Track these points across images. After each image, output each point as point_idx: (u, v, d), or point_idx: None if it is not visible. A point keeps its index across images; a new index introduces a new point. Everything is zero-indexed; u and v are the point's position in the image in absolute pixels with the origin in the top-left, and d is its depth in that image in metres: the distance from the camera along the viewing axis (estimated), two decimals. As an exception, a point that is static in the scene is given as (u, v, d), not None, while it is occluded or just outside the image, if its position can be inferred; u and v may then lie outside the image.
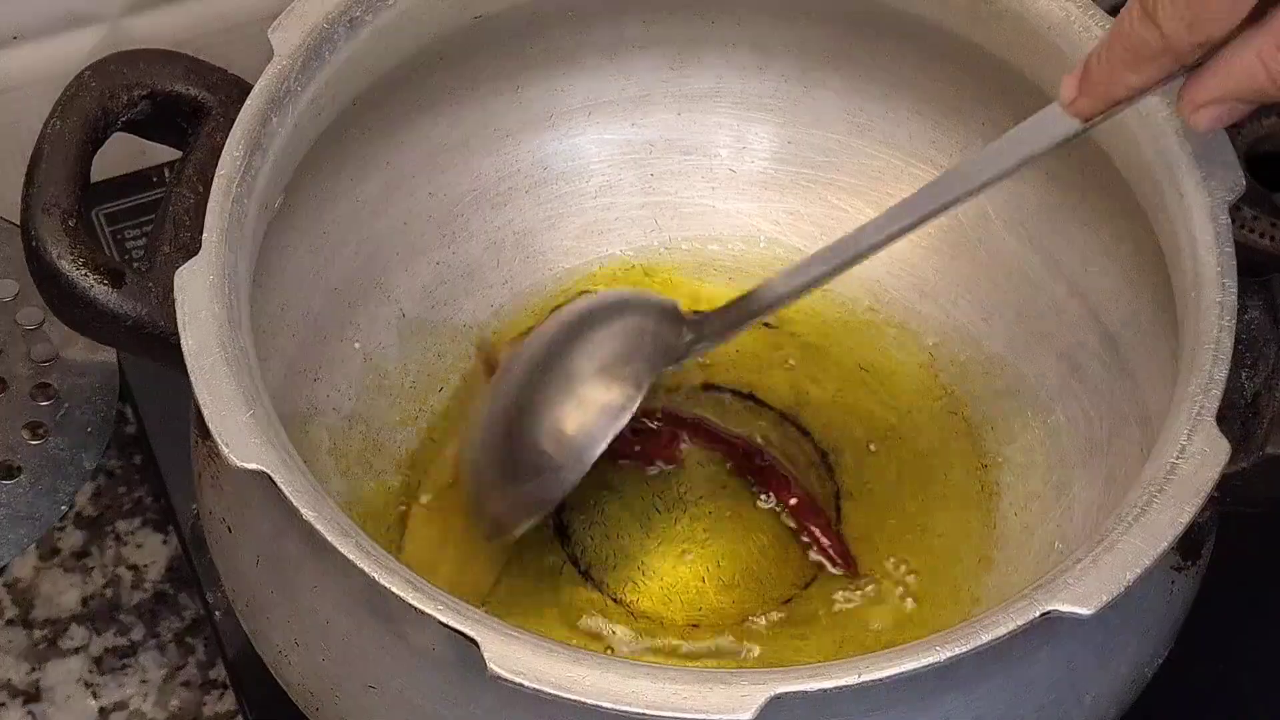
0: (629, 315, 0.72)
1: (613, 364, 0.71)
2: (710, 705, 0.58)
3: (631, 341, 0.71)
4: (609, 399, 0.70)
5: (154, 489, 0.83)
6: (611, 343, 0.71)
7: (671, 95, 0.81)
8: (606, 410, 0.70)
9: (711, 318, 0.72)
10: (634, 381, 0.70)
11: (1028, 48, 0.73)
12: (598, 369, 0.71)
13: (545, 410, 0.70)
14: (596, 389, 0.70)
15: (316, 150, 0.72)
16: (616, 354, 0.71)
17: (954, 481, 0.77)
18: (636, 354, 0.71)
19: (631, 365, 0.71)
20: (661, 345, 0.71)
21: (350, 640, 0.64)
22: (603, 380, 0.70)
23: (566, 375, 0.71)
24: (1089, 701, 0.66)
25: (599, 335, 0.71)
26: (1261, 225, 0.83)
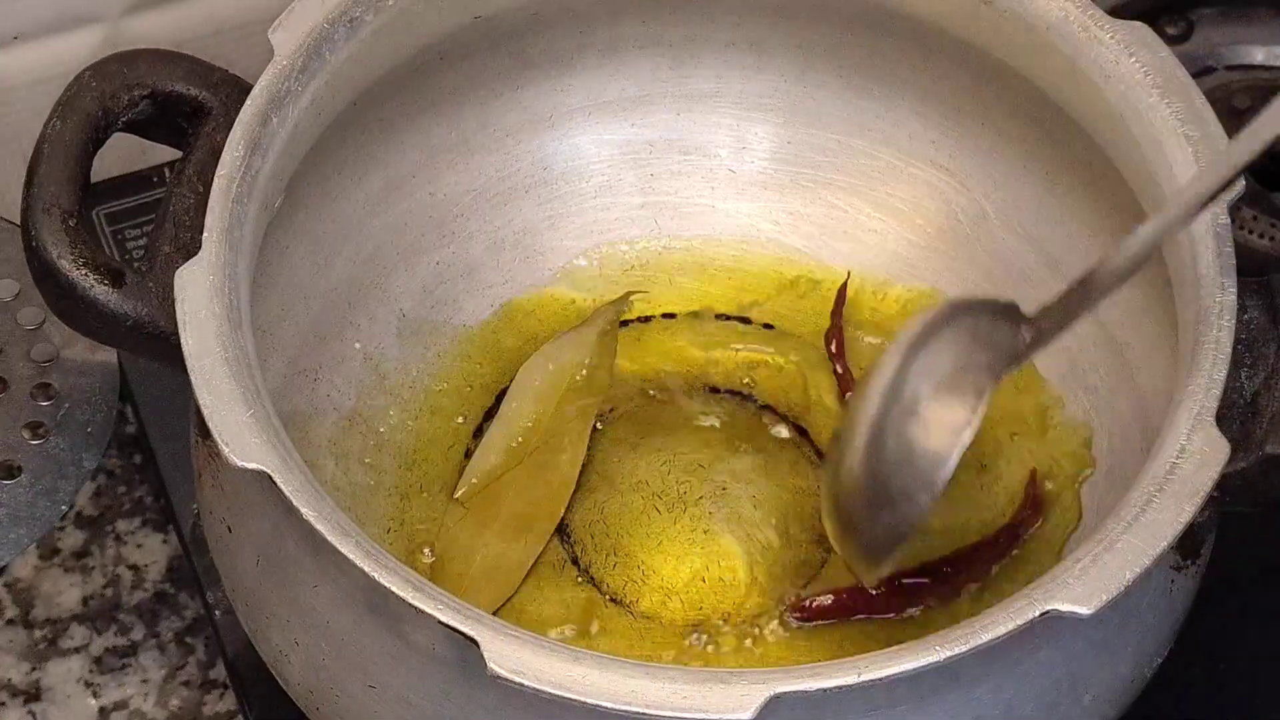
0: (962, 321, 0.69)
1: (951, 377, 0.68)
2: (710, 705, 0.58)
3: (967, 349, 0.68)
4: (952, 415, 0.67)
5: (154, 489, 0.83)
6: (948, 354, 0.68)
7: (671, 95, 0.82)
8: (951, 428, 0.67)
9: (1050, 311, 0.68)
10: (975, 391, 0.67)
11: (1028, 48, 0.73)
12: (937, 386, 0.68)
13: (893, 438, 0.68)
14: (939, 406, 0.68)
15: (317, 150, 0.72)
16: (954, 366, 0.68)
17: (954, 481, 0.77)
18: (974, 362, 0.68)
19: (970, 375, 0.68)
20: (1000, 348, 0.68)
21: (350, 640, 0.64)
22: (944, 396, 0.68)
23: (910, 398, 0.68)
24: (1089, 701, 0.66)
25: (934, 349, 0.68)
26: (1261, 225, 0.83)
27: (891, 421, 0.68)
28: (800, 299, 0.81)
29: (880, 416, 0.68)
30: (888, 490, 0.68)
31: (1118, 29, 0.71)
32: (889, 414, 0.68)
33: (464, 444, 0.77)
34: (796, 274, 0.81)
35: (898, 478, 0.67)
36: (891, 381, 0.68)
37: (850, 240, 0.81)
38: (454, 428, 0.78)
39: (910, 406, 0.68)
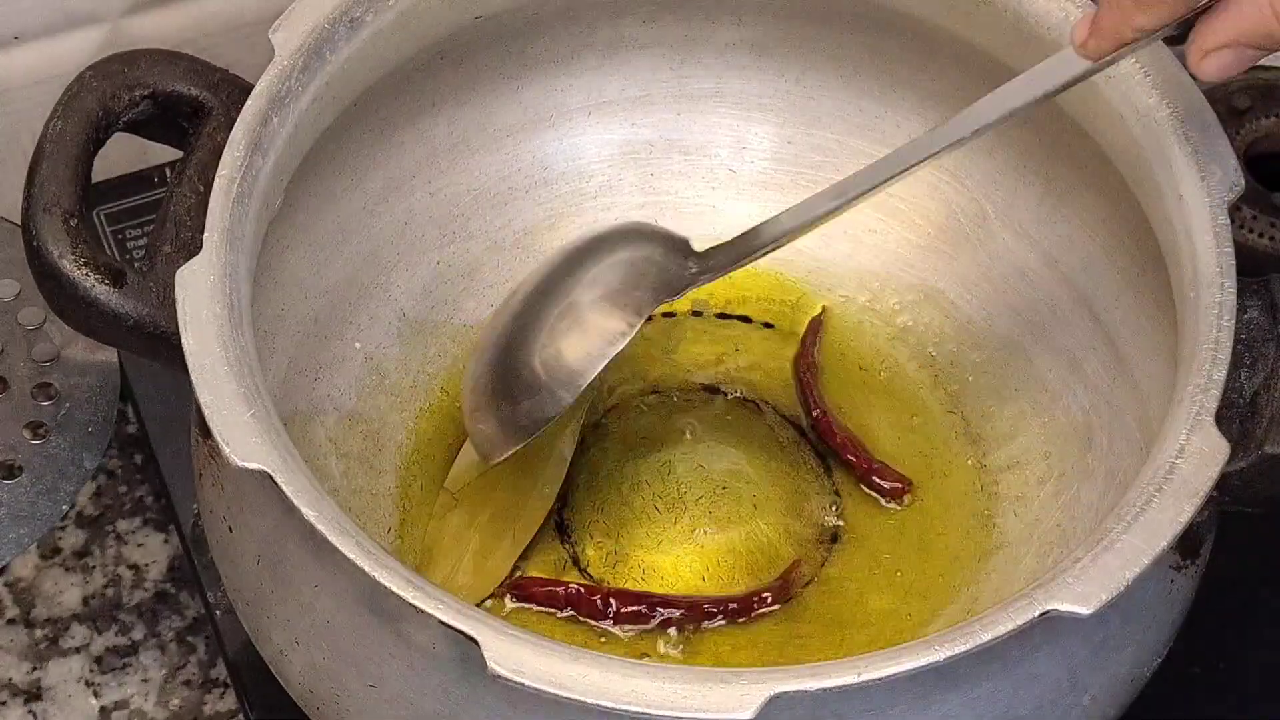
0: (635, 245, 0.72)
1: (616, 291, 0.71)
2: (710, 704, 0.58)
3: (636, 270, 0.71)
4: (608, 324, 0.70)
5: (155, 488, 0.83)
6: (616, 271, 0.71)
7: (671, 95, 0.82)
8: (605, 335, 0.70)
9: (719, 251, 0.72)
10: (634, 309, 0.70)
11: (1027, 48, 0.73)
12: (600, 295, 0.71)
13: (544, 332, 0.70)
14: (597, 314, 0.70)
15: (317, 150, 0.72)
16: (621, 281, 0.71)
17: (954, 481, 0.77)
18: (641, 282, 0.71)
19: (635, 293, 0.71)
20: (667, 276, 0.71)
21: (350, 639, 0.64)
22: (604, 306, 0.70)
23: (569, 300, 0.71)
24: (1088, 700, 0.66)
25: (604, 263, 0.71)
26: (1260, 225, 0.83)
27: (549, 317, 0.70)
28: (800, 298, 0.81)
29: (538, 308, 0.70)
30: (532, 380, 0.70)
31: (1113, 26, 0.71)
32: (548, 308, 0.70)
33: (464, 443, 0.77)
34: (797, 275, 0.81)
35: (544, 370, 0.70)
36: (552, 281, 0.71)
37: (850, 240, 0.81)
38: (454, 427, 0.78)
39: (571, 308, 0.70)
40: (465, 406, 0.74)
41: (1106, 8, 0.63)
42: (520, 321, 0.71)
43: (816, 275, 0.81)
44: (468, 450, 0.76)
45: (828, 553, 0.76)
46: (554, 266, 0.72)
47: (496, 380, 0.72)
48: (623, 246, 0.72)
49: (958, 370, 0.79)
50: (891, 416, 0.79)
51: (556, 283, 0.71)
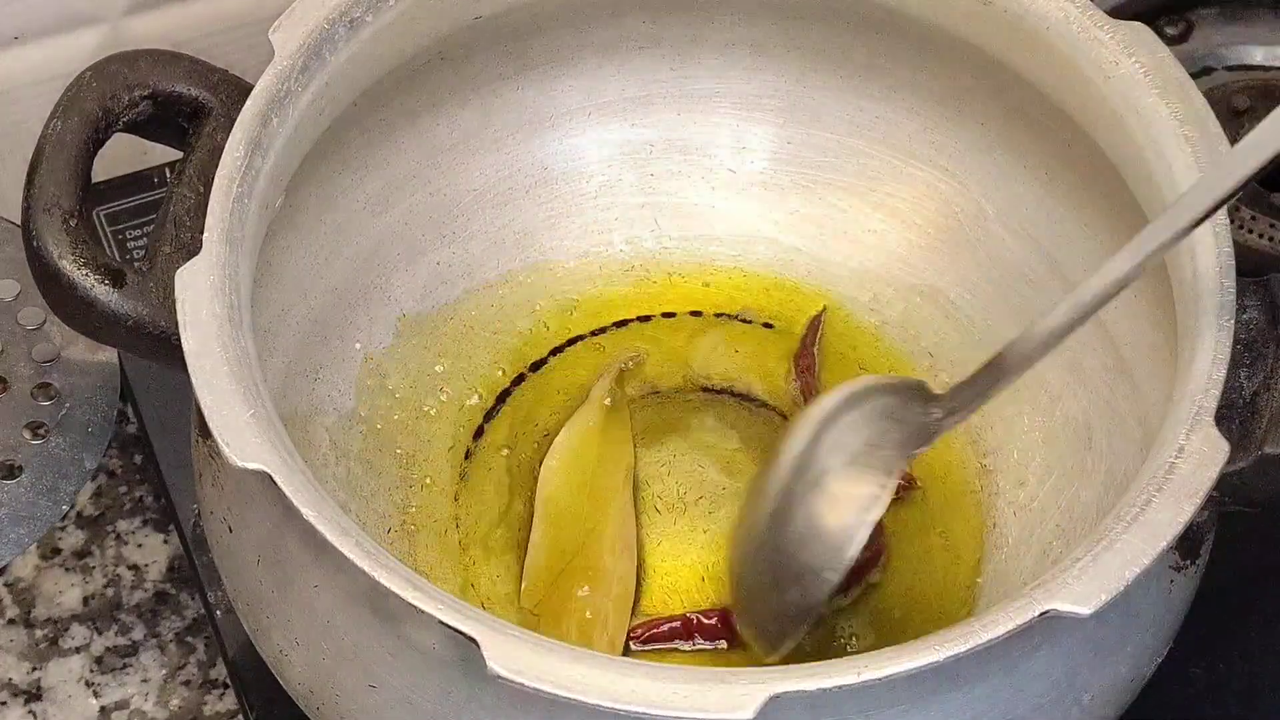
0: (874, 399, 0.68)
1: (862, 454, 0.67)
2: (710, 704, 0.58)
3: (879, 426, 0.67)
4: (861, 491, 0.66)
5: (155, 488, 0.83)
6: (859, 431, 0.67)
7: (671, 95, 0.82)
8: (860, 503, 0.66)
9: (962, 389, 0.68)
10: (884, 469, 0.67)
11: (1027, 48, 0.73)
12: (847, 461, 0.67)
13: (800, 513, 0.67)
14: (847, 482, 0.67)
15: (317, 150, 0.72)
16: (865, 443, 0.67)
17: (954, 481, 0.77)
18: (885, 439, 0.67)
19: (881, 452, 0.67)
20: (911, 426, 0.68)
21: (350, 639, 0.64)
22: (853, 472, 0.67)
23: (818, 473, 0.67)
24: (1088, 701, 0.66)
25: (845, 425, 0.67)
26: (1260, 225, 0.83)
27: (798, 497, 0.67)
28: (800, 298, 0.81)
29: (787, 491, 0.67)
30: (793, 567, 0.67)
31: (1118, 29, 0.71)
32: (796, 489, 0.67)
33: (464, 444, 0.77)
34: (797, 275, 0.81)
35: (804, 554, 0.67)
36: (800, 456, 0.67)
37: (850, 240, 0.81)
38: (454, 428, 0.78)
39: (818, 482, 0.67)
40: (734, 607, 0.71)
41: None
42: (773, 506, 0.68)
43: (816, 275, 0.81)
44: (530, 563, 0.74)
45: (828, 553, 0.76)
46: (794, 442, 0.68)
47: (760, 574, 0.69)
48: (859, 403, 0.68)
49: (957, 370, 0.79)
50: (891, 416, 0.79)
51: (800, 458, 0.68)
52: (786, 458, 0.68)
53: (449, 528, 0.75)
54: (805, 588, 0.67)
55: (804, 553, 0.67)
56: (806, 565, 0.67)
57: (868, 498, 0.66)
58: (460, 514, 0.76)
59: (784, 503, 0.67)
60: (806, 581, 0.67)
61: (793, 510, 0.67)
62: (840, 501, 0.67)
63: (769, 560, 0.68)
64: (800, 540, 0.67)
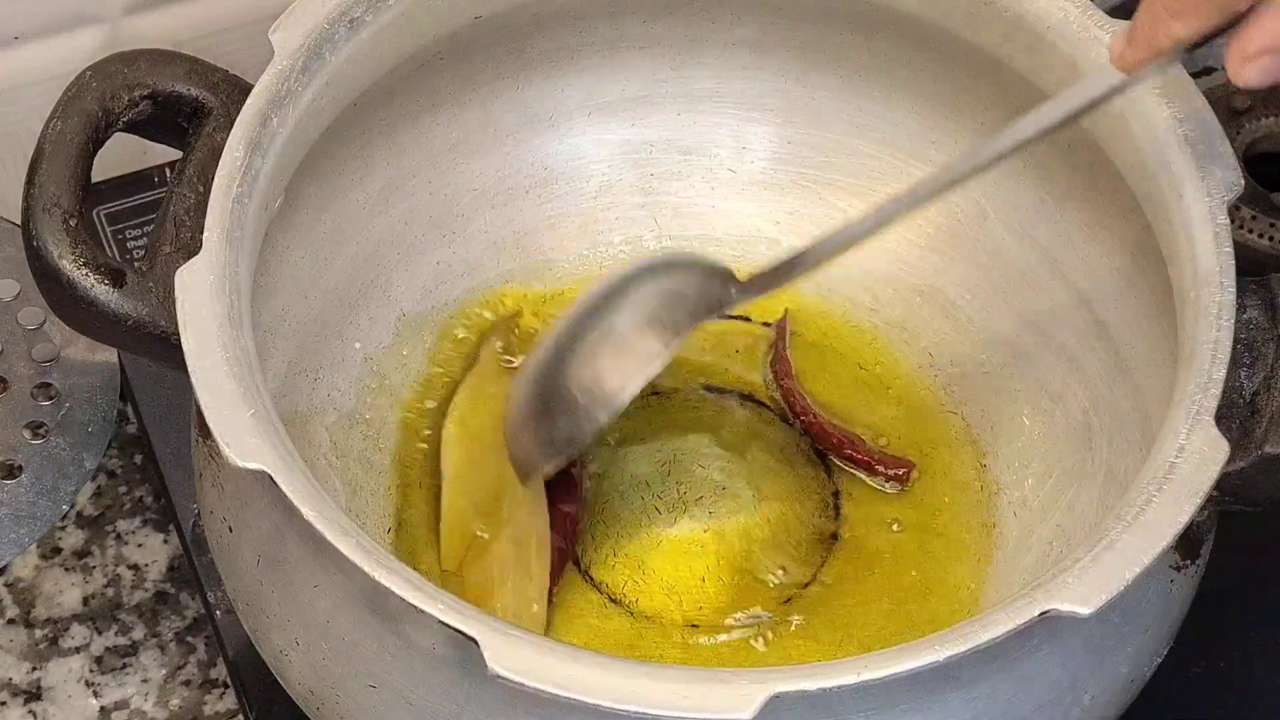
0: (677, 273, 0.73)
1: (655, 314, 0.71)
2: (710, 705, 0.58)
3: (676, 295, 0.72)
4: (646, 345, 0.71)
5: (155, 488, 0.83)
6: (656, 297, 0.72)
7: (671, 95, 0.82)
8: (642, 355, 0.71)
9: (762, 276, 0.72)
10: (673, 329, 0.71)
11: (1027, 48, 0.73)
12: (639, 319, 0.71)
13: (583, 354, 0.71)
14: (635, 335, 0.71)
15: (317, 150, 0.72)
16: (660, 305, 0.72)
17: (954, 481, 0.77)
18: (680, 306, 0.72)
19: (674, 315, 0.71)
20: (706, 298, 0.72)
21: (350, 639, 0.64)
22: (642, 328, 0.71)
23: (607, 324, 0.71)
24: (1088, 700, 0.66)
25: (645, 290, 0.72)
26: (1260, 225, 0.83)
27: (587, 337, 0.71)
28: (800, 298, 0.81)
29: (578, 331, 0.71)
30: (567, 399, 0.71)
31: (1118, 29, 0.71)
32: (587, 331, 0.71)
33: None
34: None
35: (580, 389, 0.71)
36: (597, 304, 0.71)
37: (850, 240, 0.81)
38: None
39: (610, 331, 0.71)
40: (506, 431, 0.74)
41: (1142, 18, 0.63)
42: (560, 346, 0.72)
43: (816, 275, 0.81)
44: (445, 527, 0.75)
45: (827, 553, 0.76)
46: (595, 295, 0.72)
47: (536, 402, 0.72)
48: (664, 275, 0.73)
49: (957, 370, 0.79)
50: (891, 416, 0.79)
51: (598, 310, 0.72)
52: (584, 304, 0.72)
53: (449, 528, 0.76)
54: (575, 421, 0.71)
55: (579, 390, 0.71)
56: (580, 400, 0.71)
57: (652, 353, 0.71)
58: (460, 514, 0.76)
59: (572, 340, 0.72)
60: (579, 416, 0.71)
61: (579, 347, 0.71)
62: (625, 349, 0.71)
63: (548, 391, 0.72)
64: (579, 378, 0.71)
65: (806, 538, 0.76)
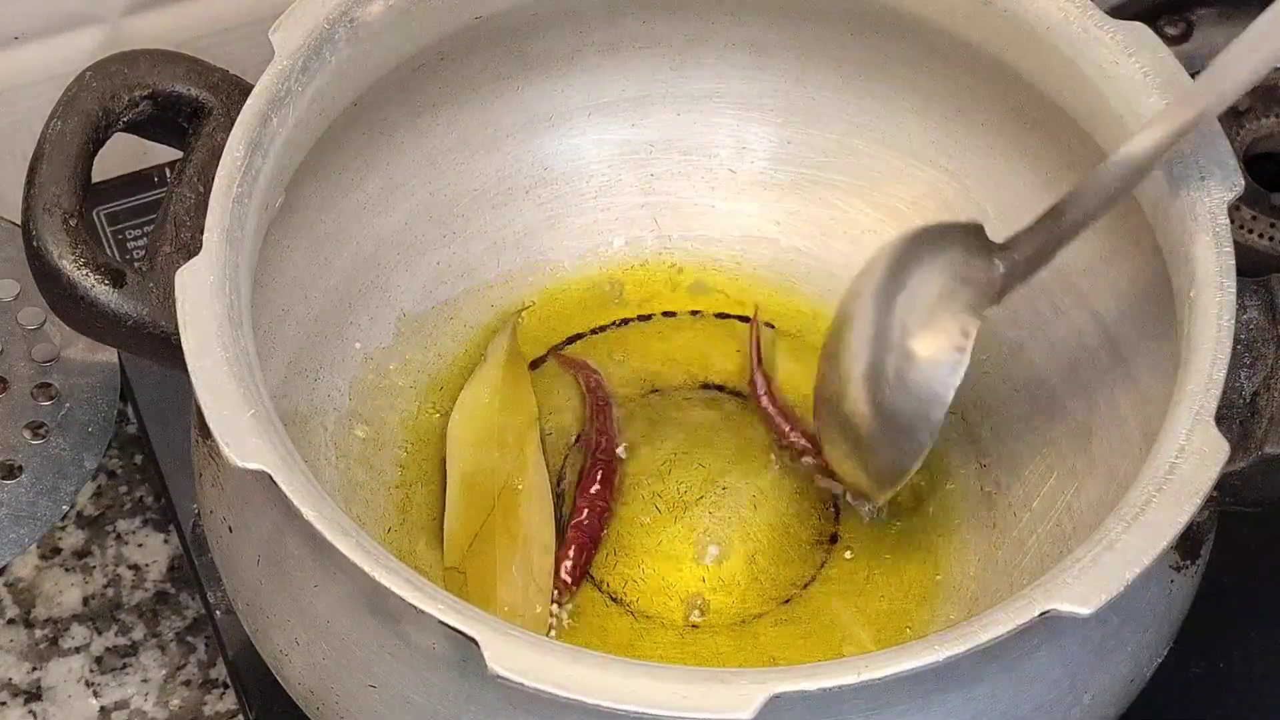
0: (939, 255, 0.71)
1: (936, 314, 0.70)
2: (710, 705, 0.58)
3: (947, 286, 0.70)
4: (944, 357, 0.70)
5: (155, 488, 0.83)
6: (929, 290, 0.71)
7: (671, 95, 0.82)
8: (945, 368, 0.70)
9: (1021, 242, 0.70)
10: (961, 331, 0.70)
11: (1027, 48, 0.73)
12: (924, 322, 0.70)
13: (888, 379, 0.70)
14: (929, 348, 0.70)
15: (317, 150, 0.72)
16: (938, 300, 0.70)
17: (954, 481, 0.77)
18: (956, 300, 0.70)
19: (956, 315, 0.70)
20: (978, 285, 0.70)
21: (350, 639, 0.64)
22: (931, 336, 0.70)
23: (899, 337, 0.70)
24: (1088, 700, 0.66)
25: (915, 285, 0.71)
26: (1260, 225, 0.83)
27: (886, 366, 0.70)
28: (800, 298, 0.81)
29: (875, 362, 0.70)
30: (891, 429, 0.70)
31: (1118, 29, 0.71)
32: (883, 359, 0.70)
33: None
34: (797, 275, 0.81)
35: (894, 419, 0.70)
36: (874, 322, 0.70)
37: (850, 240, 0.81)
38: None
39: (899, 349, 0.70)
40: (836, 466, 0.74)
41: None
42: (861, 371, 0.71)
43: (816, 275, 0.81)
44: (448, 525, 0.75)
45: (827, 553, 0.76)
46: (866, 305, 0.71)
47: (850, 436, 0.72)
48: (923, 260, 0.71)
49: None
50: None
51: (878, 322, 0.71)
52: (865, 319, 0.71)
53: (449, 528, 0.76)
54: (904, 446, 0.71)
55: (894, 418, 0.70)
56: (904, 427, 0.70)
57: (951, 363, 0.70)
58: (460, 514, 0.76)
59: (873, 373, 0.71)
60: (904, 441, 0.71)
61: (880, 377, 0.70)
62: (926, 367, 0.70)
63: (870, 427, 0.71)
64: (890, 406, 0.70)
65: (806, 538, 0.76)
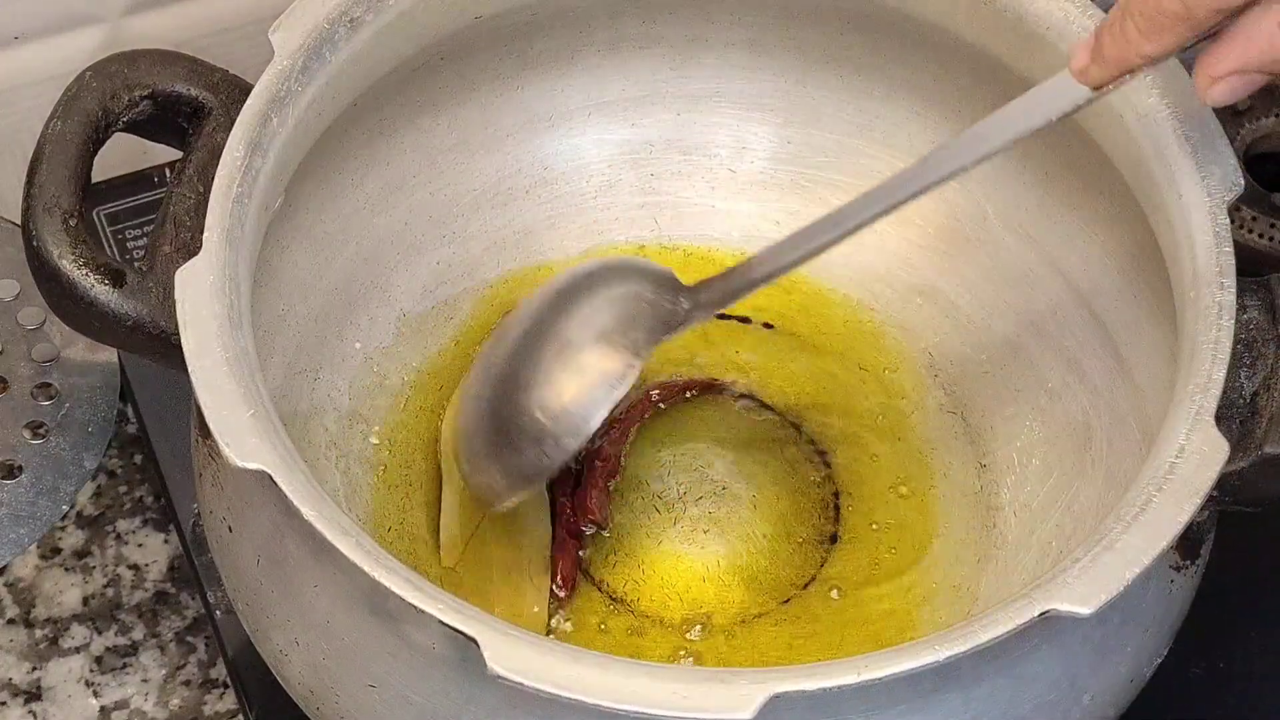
0: (625, 282, 0.71)
1: (611, 331, 0.70)
2: (710, 705, 0.58)
3: (629, 308, 0.70)
4: (608, 367, 0.69)
5: (155, 488, 0.83)
6: (609, 309, 0.70)
7: (671, 95, 0.82)
8: (606, 378, 0.69)
9: (710, 285, 0.71)
10: (633, 350, 0.70)
11: (1027, 49, 0.73)
12: (596, 336, 0.70)
13: (542, 378, 0.70)
14: (595, 356, 0.69)
15: (317, 150, 0.72)
16: (615, 321, 0.70)
17: (954, 481, 0.77)
18: (636, 322, 0.70)
19: (631, 333, 0.70)
20: (660, 314, 0.70)
21: (350, 639, 0.64)
22: (601, 348, 0.70)
23: (563, 342, 0.70)
24: (1088, 700, 0.66)
25: (595, 302, 0.71)
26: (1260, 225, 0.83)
27: (544, 362, 0.70)
28: (800, 298, 0.81)
29: (532, 354, 0.70)
30: (532, 429, 0.69)
31: (1115, 30, 0.71)
32: (543, 354, 0.70)
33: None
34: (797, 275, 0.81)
35: (545, 418, 0.69)
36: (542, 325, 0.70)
37: (850, 240, 0.81)
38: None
39: (566, 351, 0.70)
40: (461, 453, 0.73)
41: (1110, 36, 0.62)
42: (514, 365, 0.71)
43: (816, 275, 0.81)
44: (445, 524, 0.75)
45: (827, 553, 0.76)
46: (541, 305, 0.71)
47: (495, 428, 0.71)
48: (611, 283, 0.71)
49: (957, 370, 0.79)
50: (892, 417, 0.79)
51: (547, 323, 0.71)
52: (532, 321, 0.71)
53: (449, 528, 0.76)
54: (543, 450, 0.70)
55: (545, 417, 0.70)
56: (547, 430, 0.69)
57: (615, 375, 0.69)
58: (460, 514, 0.76)
59: (527, 365, 0.70)
60: (546, 445, 0.70)
61: (537, 374, 0.70)
62: (589, 374, 0.69)
63: (508, 415, 0.70)
64: (543, 404, 0.70)
65: (806, 538, 0.76)
